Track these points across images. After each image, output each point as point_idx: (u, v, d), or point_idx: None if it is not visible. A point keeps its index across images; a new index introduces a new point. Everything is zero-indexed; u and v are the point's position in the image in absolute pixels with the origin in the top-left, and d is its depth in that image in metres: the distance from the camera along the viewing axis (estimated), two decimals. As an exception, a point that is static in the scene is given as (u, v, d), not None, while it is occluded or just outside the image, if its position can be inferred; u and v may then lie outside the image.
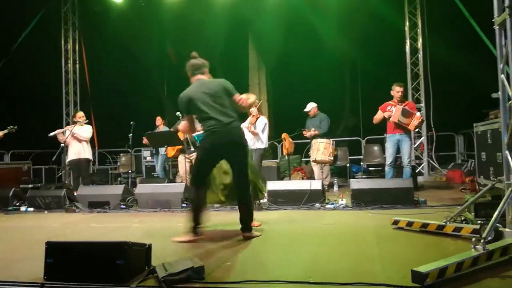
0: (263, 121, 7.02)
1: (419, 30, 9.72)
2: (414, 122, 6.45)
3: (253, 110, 7.00)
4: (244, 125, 6.88)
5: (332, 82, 11.48)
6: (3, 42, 9.79)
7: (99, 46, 11.80)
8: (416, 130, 6.52)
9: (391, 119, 6.58)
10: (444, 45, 9.50)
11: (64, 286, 2.57)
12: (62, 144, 7.56)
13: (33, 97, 10.13)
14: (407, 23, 9.85)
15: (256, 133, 6.92)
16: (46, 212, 6.26)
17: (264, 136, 7.00)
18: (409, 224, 3.89)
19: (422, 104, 9.62)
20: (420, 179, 8.54)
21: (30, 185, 8.18)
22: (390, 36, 10.59)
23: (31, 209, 6.41)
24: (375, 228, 4.09)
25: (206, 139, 3.87)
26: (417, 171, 8.72)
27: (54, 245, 2.69)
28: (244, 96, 4.05)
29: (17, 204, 6.57)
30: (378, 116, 6.75)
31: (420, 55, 9.69)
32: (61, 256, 2.67)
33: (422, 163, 9.57)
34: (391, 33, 10.47)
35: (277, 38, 11.27)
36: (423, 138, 9.60)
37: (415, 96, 9.70)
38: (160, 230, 4.53)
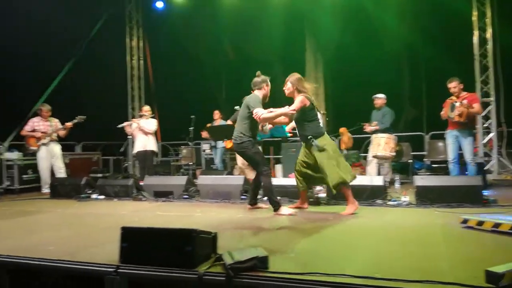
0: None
1: (488, 20, 9.15)
2: (455, 112, 6.29)
3: None
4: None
5: (394, 75, 11.13)
6: (74, 41, 10.44)
7: (161, 42, 12.27)
8: (463, 120, 6.27)
9: (443, 115, 6.52)
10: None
11: (138, 268, 2.72)
12: (129, 136, 8.00)
13: (101, 92, 10.70)
14: (475, 13, 9.30)
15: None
16: (115, 200, 6.67)
17: None
18: (480, 223, 3.71)
19: (492, 98, 9.06)
20: (489, 177, 8.08)
21: (99, 175, 8.72)
22: (455, 26, 10.06)
23: (101, 196, 6.84)
24: (442, 227, 3.94)
25: None
26: (486, 168, 8.25)
27: (129, 230, 2.86)
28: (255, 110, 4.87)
29: (89, 192, 7.03)
30: (442, 112, 6.62)
31: (489, 46, 9.12)
32: (135, 241, 2.83)
33: (491, 160, 9.04)
34: (456, 22, 9.94)
35: (334, 31, 11.08)
36: (493, 134, 9.06)
37: (484, 90, 9.16)
38: (222, 220, 4.67)
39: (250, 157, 5.14)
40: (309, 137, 4.94)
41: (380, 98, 7.65)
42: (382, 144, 7.01)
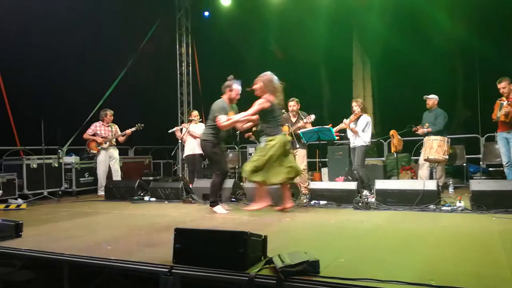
0: (365, 119, 6.84)
1: (551, 14, 8.61)
2: (502, 112, 6.06)
3: (355, 109, 6.88)
4: (344, 121, 6.89)
5: (446, 74, 10.68)
6: (128, 48, 10.89)
7: (209, 49, 12.51)
8: (508, 120, 6.00)
9: (493, 116, 6.35)
10: None
11: (191, 269, 2.80)
12: (180, 141, 8.24)
13: (152, 98, 11.09)
14: (536, 6, 8.78)
15: (355, 131, 6.80)
16: (166, 202, 6.88)
17: (366, 134, 6.81)
18: (542, 230, 3.51)
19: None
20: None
21: (151, 178, 9.04)
22: (512, 22, 9.54)
23: (153, 199, 7.08)
24: (500, 233, 3.76)
25: None
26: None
27: (182, 232, 2.94)
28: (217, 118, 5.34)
29: (141, 194, 7.31)
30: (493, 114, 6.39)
31: (552, 42, 8.58)
32: (187, 242, 2.91)
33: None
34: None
35: (382, 31, 10.83)
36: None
37: (546, 88, 8.60)
38: (269, 223, 4.70)
39: (209, 156, 5.96)
40: (262, 136, 5.39)
41: (431, 99, 7.41)
42: (434, 147, 6.77)
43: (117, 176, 8.32)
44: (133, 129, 8.31)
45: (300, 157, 7.01)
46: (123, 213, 5.90)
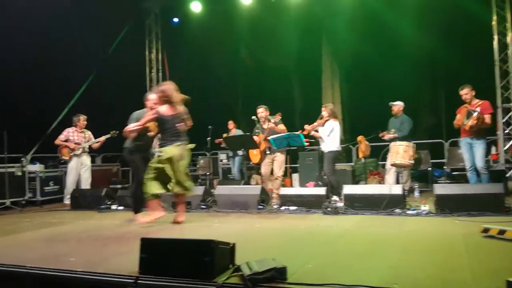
0: (330, 125, 6.92)
1: (508, 24, 9.01)
2: (469, 122, 6.19)
3: (323, 114, 6.98)
4: (305, 127, 7.02)
5: (411, 82, 11.03)
6: (95, 54, 10.69)
7: (179, 54, 12.44)
8: (473, 131, 6.20)
9: (457, 122, 6.48)
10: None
11: (157, 279, 2.75)
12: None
13: (121, 104, 10.88)
14: (495, 17, 9.17)
15: (318, 136, 6.91)
16: (134, 210, 6.74)
17: (332, 140, 6.88)
18: (501, 232, 3.64)
19: (513, 104, 8.90)
20: (511, 184, 7.89)
21: (119, 186, 8.85)
22: (475, 31, 9.94)
23: (121, 207, 6.93)
24: (463, 236, 3.88)
25: None
26: (507, 175, 8.07)
27: (148, 241, 2.90)
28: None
29: (109, 203, 7.14)
30: (456, 120, 6.58)
31: (510, 51, 8.97)
32: (154, 252, 2.86)
33: (512, 168, 8.84)
34: (476, 28, 9.82)
35: (351, 39, 11.09)
36: (514, 141, 8.87)
37: (505, 95, 8.99)
38: (239, 230, 4.69)
39: (127, 164, 6.09)
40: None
41: (397, 106, 7.59)
42: (400, 152, 6.93)
43: (86, 184, 8.08)
44: (108, 136, 8.07)
45: (278, 163, 6.99)
46: (88, 223, 5.75)
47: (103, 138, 8.10)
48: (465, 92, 6.44)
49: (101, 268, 3.08)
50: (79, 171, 8.09)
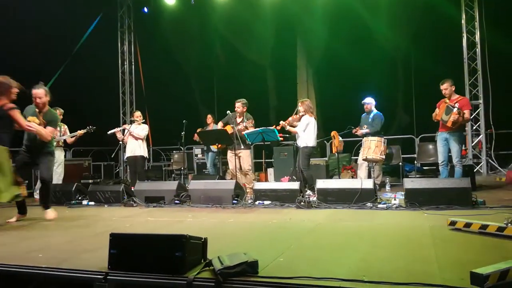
0: (305, 120, 6.98)
1: (477, 24, 9.29)
2: (450, 118, 6.30)
3: (300, 109, 7.03)
4: (281, 122, 7.05)
5: (384, 79, 11.19)
6: (64, 46, 10.41)
7: (152, 47, 12.26)
8: (455, 127, 6.34)
9: (436, 117, 6.54)
10: (504, 39, 9.00)
11: (127, 275, 2.71)
12: (121, 142, 7.97)
13: (92, 97, 10.66)
14: (464, 16, 9.44)
15: (293, 131, 6.95)
16: (106, 206, 6.63)
17: (307, 136, 6.95)
18: (467, 225, 3.75)
19: (481, 101, 9.19)
20: (478, 179, 8.16)
21: (90, 181, 8.68)
22: (445, 30, 10.18)
23: (92, 203, 6.80)
24: (431, 229, 3.98)
25: None
26: (475, 170, 8.34)
27: (118, 237, 2.85)
28: None
29: (79, 198, 6.99)
30: (435, 113, 6.64)
31: (478, 50, 9.27)
32: (124, 247, 2.82)
33: (480, 162, 9.14)
34: (446, 26, 10.06)
35: (324, 36, 11.18)
36: (482, 136, 9.17)
37: (473, 92, 9.29)
38: (212, 225, 4.67)
39: None
40: None
41: (369, 104, 7.72)
42: (372, 147, 7.08)
43: (59, 180, 7.84)
44: (84, 130, 7.84)
45: (245, 157, 7.04)
46: (58, 218, 5.61)
47: (79, 133, 7.87)
48: (445, 87, 6.53)
49: (70, 264, 3.03)
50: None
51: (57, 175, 7.87)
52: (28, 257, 3.32)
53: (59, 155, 7.92)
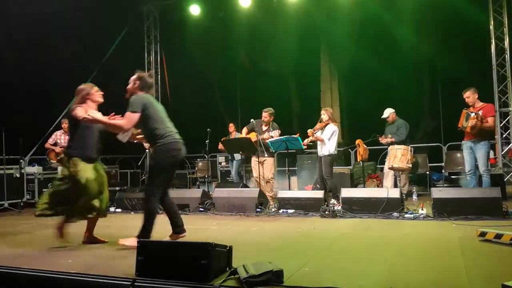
0: (331, 128, 6.94)
1: (506, 29, 9.06)
2: (469, 123, 6.21)
3: (323, 117, 6.99)
4: (308, 131, 6.97)
5: (409, 85, 11.06)
6: (94, 57, 10.69)
7: (177, 57, 12.45)
8: (474, 132, 6.21)
9: (459, 125, 6.48)
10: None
11: (154, 282, 2.75)
12: (147, 150, 8.10)
13: (119, 107, 10.88)
14: (492, 22, 9.22)
15: (320, 139, 6.90)
16: (132, 213, 6.75)
17: (331, 144, 6.91)
18: (498, 236, 3.65)
19: (510, 108, 8.93)
20: (508, 188, 7.91)
21: (117, 188, 8.84)
22: (473, 36, 9.98)
23: (119, 210, 6.93)
24: (460, 240, 3.89)
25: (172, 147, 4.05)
26: (505, 179, 8.09)
27: (145, 244, 2.90)
28: None
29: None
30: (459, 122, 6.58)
31: (507, 56, 9.01)
32: (150, 254, 2.87)
33: (511, 171, 8.86)
34: (474, 33, 9.86)
35: (349, 44, 11.13)
36: (512, 145, 8.90)
37: (502, 100, 9.03)
38: (237, 233, 4.69)
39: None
40: None
41: (390, 113, 7.63)
42: (398, 156, 6.96)
43: None
44: None
45: (269, 165, 7.03)
46: (85, 224, 5.72)
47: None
48: (467, 95, 6.44)
49: (99, 270, 3.08)
50: None
51: None
52: (57, 262, 3.40)
53: None
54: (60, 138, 8.04)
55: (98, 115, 4.30)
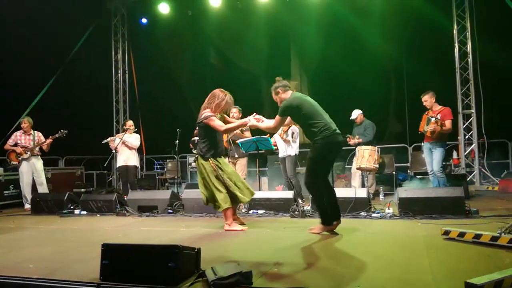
0: (294, 130, 7.03)
1: (468, 34, 9.40)
2: (429, 128, 6.48)
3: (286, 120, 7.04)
4: (277, 133, 6.97)
5: (376, 88, 11.25)
6: (59, 54, 10.37)
7: (146, 56, 12.25)
8: (434, 136, 6.47)
9: (420, 129, 6.76)
10: (495, 49, 9.09)
11: (119, 286, 2.67)
12: (114, 151, 7.91)
13: (85, 105, 10.60)
14: (456, 27, 9.54)
15: (287, 140, 6.96)
16: (98, 215, 6.56)
17: (295, 144, 7.01)
18: (461, 234, 3.76)
19: (473, 110, 9.26)
20: (471, 188, 8.20)
21: (83, 190, 8.60)
22: (437, 40, 10.28)
23: (84, 212, 6.73)
24: (425, 238, 3.98)
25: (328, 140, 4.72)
26: (468, 179, 8.37)
27: (110, 247, 2.82)
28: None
29: (71, 207, 6.93)
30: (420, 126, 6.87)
31: (470, 60, 9.36)
32: (116, 258, 2.79)
33: (473, 172, 9.19)
34: (438, 37, 10.16)
35: (318, 45, 11.24)
36: (474, 146, 9.23)
37: (465, 102, 9.36)
38: (206, 235, 4.64)
39: None
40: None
41: (358, 115, 7.78)
42: (366, 156, 7.10)
43: (41, 189, 7.75)
44: (55, 136, 7.74)
45: (241, 166, 7.01)
46: (49, 228, 5.55)
47: (49, 139, 7.72)
48: (425, 99, 6.69)
49: (62, 275, 2.99)
50: (32, 174, 7.78)
51: (38, 186, 7.75)
52: (18, 268, 3.27)
53: (36, 164, 7.77)
54: (20, 138, 7.76)
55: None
